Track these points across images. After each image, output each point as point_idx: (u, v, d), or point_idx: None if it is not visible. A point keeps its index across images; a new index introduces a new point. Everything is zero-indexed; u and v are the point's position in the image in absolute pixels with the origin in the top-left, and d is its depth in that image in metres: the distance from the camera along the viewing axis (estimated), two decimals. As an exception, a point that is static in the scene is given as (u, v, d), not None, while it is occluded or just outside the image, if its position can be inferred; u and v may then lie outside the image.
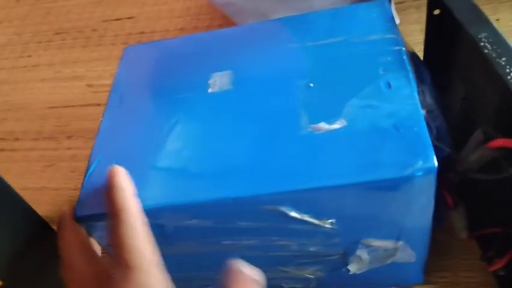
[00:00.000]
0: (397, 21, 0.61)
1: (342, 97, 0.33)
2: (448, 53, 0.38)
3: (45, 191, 0.56)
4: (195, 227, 0.32)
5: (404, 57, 0.34)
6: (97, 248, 0.34)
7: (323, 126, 0.31)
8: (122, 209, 0.30)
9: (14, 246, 0.33)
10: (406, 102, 0.31)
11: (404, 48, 0.35)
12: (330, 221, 0.31)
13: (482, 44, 0.31)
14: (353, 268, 0.35)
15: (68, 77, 0.67)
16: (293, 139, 0.31)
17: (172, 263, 0.30)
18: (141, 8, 0.74)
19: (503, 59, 0.30)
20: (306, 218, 0.31)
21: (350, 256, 0.35)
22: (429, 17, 0.39)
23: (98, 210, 0.32)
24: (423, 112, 0.31)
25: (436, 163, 0.28)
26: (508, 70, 0.29)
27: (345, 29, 0.38)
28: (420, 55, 0.43)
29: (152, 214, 0.31)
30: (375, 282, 0.39)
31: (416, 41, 0.43)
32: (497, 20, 0.57)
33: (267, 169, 0.31)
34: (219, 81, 0.37)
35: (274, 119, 0.33)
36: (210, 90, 0.36)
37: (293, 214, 0.31)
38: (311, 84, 0.34)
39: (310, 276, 0.37)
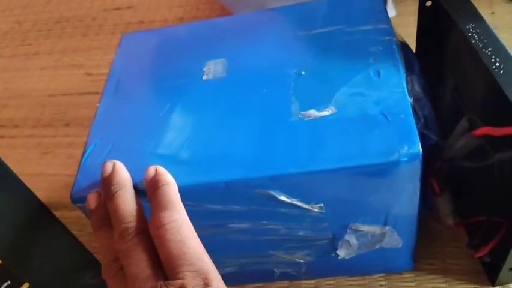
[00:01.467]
0: (394, 13, 0.62)
1: (332, 85, 0.33)
2: (439, 44, 0.39)
3: (43, 177, 0.57)
4: (187, 210, 0.33)
5: (394, 47, 0.35)
6: None
7: (313, 113, 0.32)
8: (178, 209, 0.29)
9: (14, 228, 0.34)
10: (394, 90, 0.32)
11: (394, 39, 0.36)
12: (318, 205, 0.32)
13: (469, 34, 0.32)
14: (341, 253, 0.36)
15: (67, 65, 0.68)
16: (284, 125, 0.32)
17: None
18: (141, -3, 0.74)
19: (489, 49, 0.31)
20: (295, 202, 0.32)
21: (338, 241, 0.35)
22: (422, 8, 0.40)
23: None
24: (410, 100, 0.32)
25: (421, 149, 0.29)
26: (493, 60, 0.30)
27: (338, 19, 0.38)
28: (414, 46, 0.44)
29: (144, 196, 0.32)
30: (365, 268, 0.40)
31: (412, 32, 0.44)
32: (493, 13, 0.58)
33: (258, 154, 0.31)
34: (213, 69, 0.37)
35: (266, 106, 0.34)
36: (204, 78, 0.37)
37: (283, 198, 0.31)
38: (303, 72, 0.35)
39: (301, 260, 0.38)
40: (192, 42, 0.41)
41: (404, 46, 0.37)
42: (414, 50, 0.44)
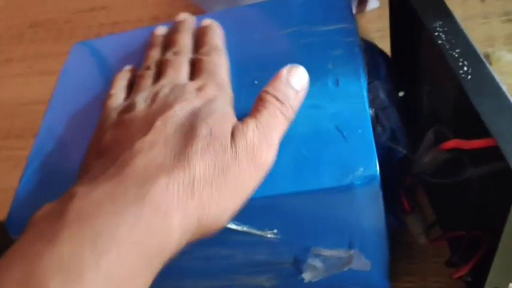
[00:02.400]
0: (377, 4, 0.58)
1: (286, 96, 0.30)
2: (411, 44, 0.35)
3: (12, 193, 0.54)
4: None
5: (357, 49, 0.31)
6: None
7: (264, 129, 0.29)
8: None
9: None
10: (352, 101, 0.29)
11: (357, 40, 0.32)
12: (272, 231, 0.29)
13: (436, 34, 0.28)
14: (307, 276, 0.33)
15: (39, 72, 0.65)
16: (232, 144, 0.29)
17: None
18: (116, -4, 0.71)
19: (457, 50, 0.27)
20: (246, 229, 0.29)
21: (302, 264, 0.32)
22: (392, 3, 0.36)
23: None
24: (372, 111, 0.29)
25: (378, 171, 0.25)
26: (460, 64, 0.26)
27: (299, 18, 0.35)
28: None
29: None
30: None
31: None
32: (483, 1, 0.54)
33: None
34: (162, 80, 0.34)
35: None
36: (152, 90, 0.34)
37: (231, 226, 0.28)
38: (256, 82, 0.32)
39: (265, 283, 0.35)
40: (143, 49, 0.38)
41: (370, 46, 0.34)
42: (390, 48, 0.41)
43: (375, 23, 0.53)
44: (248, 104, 0.30)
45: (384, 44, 0.41)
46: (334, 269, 0.33)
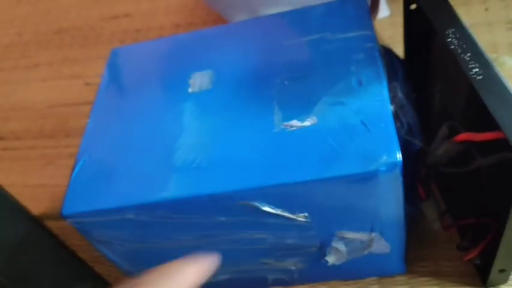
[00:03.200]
0: (387, 12, 0.61)
1: (314, 94, 0.34)
2: (425, 48, 0.39)
3: (45, 189, 0.58)
4: (174, 223, 0.33)
5: (376, 54, 0.35)
6: None
7: (295, 123, 0.33)
8: None
9: (2, 243, 0.35)
10: (375, 98, 0.32)
11: (376, 45, 0.36)
12: (303, 214, 0.32)
13: (449, 40, 0.32)
14: (331, 259, 0.36)
15: (67, 76, 0.69)
16: (267, 136, 0.33)
17: (153, 258, 0.31)
18: (138, 5, 0.75)
19: (468, 54, 0.31)
20: (279, 212, 0.32)
21: (327, 248, 0.36)
22: (406, 11, 0.40)
23: (86, 208, 0.34)
24: (392, 108, 0.32)
25: (400, 158, 0.29)
26: (471, 66, 0.30)
27: (322, 27, 0.38)
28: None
29: (132, 211, 0.32)
30: (358, 272, 0.41)
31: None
32: (486, 9, 0.57)
33: (240, 166, 0.32)
34: (199, 81, 0.38)
35: (250, 117, 0.34)
36: (190, 90, 0.37)
37: (266, 209, 0.32)
38: (286, 82, 0.35)
39: (292, 267, 0.38)
40: (180, 54, 0.41)
41: (387, 51, 0.38)
42: (403, 52, 0.44)
43: (387, 30, 0.57)
44: (281, 103, 0.34)
45: (396, 50, 0.45)
46: (356, 253, 0.36)
